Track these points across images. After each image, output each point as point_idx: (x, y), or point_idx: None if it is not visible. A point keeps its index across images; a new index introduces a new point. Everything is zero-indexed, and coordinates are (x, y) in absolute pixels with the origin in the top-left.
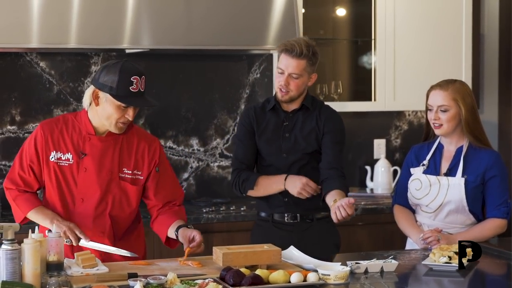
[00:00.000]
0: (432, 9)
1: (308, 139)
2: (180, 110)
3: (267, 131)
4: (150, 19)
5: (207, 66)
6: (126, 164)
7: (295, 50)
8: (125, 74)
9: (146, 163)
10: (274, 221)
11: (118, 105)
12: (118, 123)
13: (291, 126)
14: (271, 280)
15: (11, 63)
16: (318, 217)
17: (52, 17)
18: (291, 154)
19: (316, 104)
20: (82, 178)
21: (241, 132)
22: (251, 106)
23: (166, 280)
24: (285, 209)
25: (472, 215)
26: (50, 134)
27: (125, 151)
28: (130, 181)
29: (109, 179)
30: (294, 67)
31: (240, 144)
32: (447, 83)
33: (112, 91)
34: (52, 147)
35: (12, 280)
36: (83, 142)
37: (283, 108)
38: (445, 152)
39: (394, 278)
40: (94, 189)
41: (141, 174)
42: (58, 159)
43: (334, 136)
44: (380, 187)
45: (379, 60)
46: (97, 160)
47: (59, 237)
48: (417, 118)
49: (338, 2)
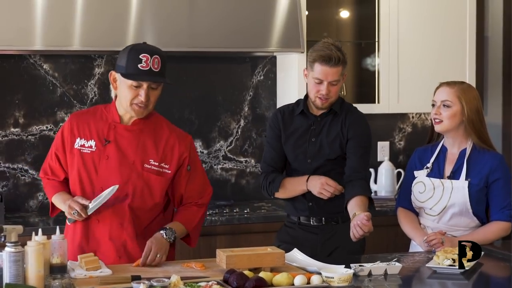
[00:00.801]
0: (436, 11)
1: (332, 145)
2: (184, 112)
3: (295, 135)
4: (153, 22)
5: (211, 68)
6: (153, 155)
7: (332, 59)
8: (134, 52)
9: (175, 158)
10: (301, 224)
11: (129, 84)
12: (133, 105)
13: (318, 131)
14: (274, 283)
15: (14, 65)
16: (344, 219)
17: (56, 20)
18: (315, 160)
19: (344, 107)
20: (104, 166)
21: (269, 134)
22: (280, 108)
23: (170, 282)
24: (310, 213)
25: (476, 218)
26: (76, 122)
27: (151, 142)
28: (155, 173)
29: (131, 168)
30: (333, 75)
31: (268, 147)
32: (456, 82)
33: (122, 70)
34: (77, 134)
35: (16, 282)
36: (108, 130)
37: (312, 112)
38: (449, 155)
39: (398, 281)
40: (114, 178)
41: (169, 168)
42: (82, 146)
43: (358, 141)
44: (384, 189)
45: (383, 62)
46: (121, 149)
47: (63, 240)
48: (421, 120)
49: (341, 4)
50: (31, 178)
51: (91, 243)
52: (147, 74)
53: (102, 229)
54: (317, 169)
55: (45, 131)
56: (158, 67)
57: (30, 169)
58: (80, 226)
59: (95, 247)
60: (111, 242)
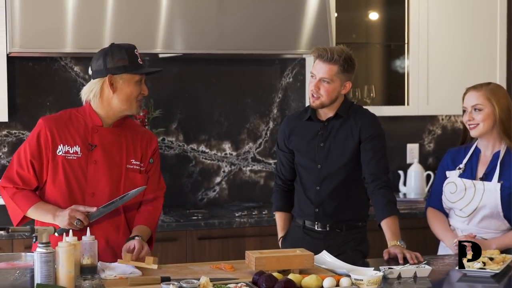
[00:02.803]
0: (465, 12)
1: (343, 148)
2: (213, 115)
3: (303, 141)
4: (183, 24)
5: (240, 70)
6: (134, 155)
7: (326, 54)
8: (130, 50)
9: (148, 154)
10: (306, 228)
11: (136, 80)
12: (137, 102)
13: (325, 136)
14: (303, 285)
15: (46, 67)
16: (348, 227)
17: (86, 22)
18: (325, 165)
19: (352, 111)
20: (92, 171)
21: (279, 142)
22: (289, 115)
23: (199, 284)
24: (315, 218)
25: (507, 221)
26: (55, 128)
27: (131, 143)
28: (138, 172)
29: (118, 171)
30: (325, 71)
31: (278, 154)
32: (482, 84)
33: (127, 69)
34: (59, 141)
35: (47, 283)
36: (91, 134)
37: (319, 117)
38: (482, 157)
39: (428, 284)
40: (104, 182)
41: (143, 165)
42: (66, 153)
43: (374, 144)
44: (413, 192)
45: (412, 64)
46: (107, 152)
47: (93, 241)
48: (451, 122)
49: (371, 6)
50: None
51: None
52: (146, 67)
53: (98, 234)
54: (328, 177)
55: None
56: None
57: None
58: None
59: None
60: (109, 248)
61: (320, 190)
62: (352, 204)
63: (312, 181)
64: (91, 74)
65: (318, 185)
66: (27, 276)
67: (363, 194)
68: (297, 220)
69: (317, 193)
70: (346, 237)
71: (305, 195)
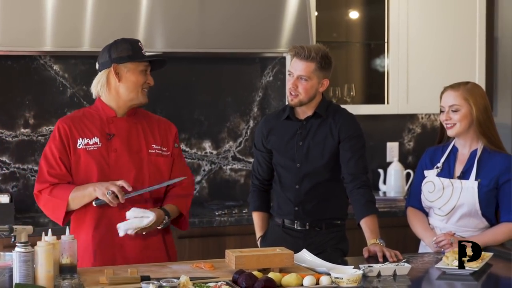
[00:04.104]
0: (445, 12)
1: (322, 147)
2: (193, 113)
3: (282, 141)
4: (163, 23)
5: (220, 69)
6: (153, 140)
7: (303, 52)
8: (133, 41)
9: (170, 140)
10: (285, 227)
11: (140, 70)
12: (142, 91)
13: (304, 135)
14: (283, 283)
15: (25, 66)
16: (328, 226)
17: (66, 21)
18: (305, 164)
19: (330, 110)
20: (114, 159)
21: (256, 142)
22: (267, 115)
23: (179, 282)
24: (295, 217)
25: (485, 219)
26: (72, 124)
27: (148, 130)
28: (160, 156)
29: (140, 156)
30: (302, 69)
31: (255, 154)
32: (459, 84)
33: (132, 58)
34: (78, 135)
35: (26, 282)
36: (107, 125)
37: (297, 116)
38: (459, 155)
39: (407, 282)
40: (128, 169)
41: (167, 150)
42: (86, 145)
43: (351, 143)
44: (393, 190)
45: (392, 63)
46: (125, 140)
47: (72, 240)
48: (430, 121)
49: (351, 5)
50: None
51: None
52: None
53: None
54: (307, 176)
55: None
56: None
57: None
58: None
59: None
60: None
61: (299, 189)
62: (331, 203)
63: (291, 180)
64: (98, 68)
65: (298, 184)
66: (6, 275)
67: (342, 193)
68: (276, 219)
69: (297, 192)
70: (326, 236)
71: (284, 194)
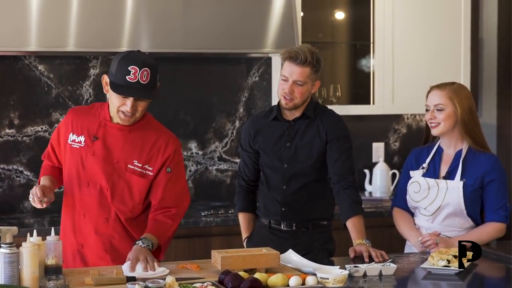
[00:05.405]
0: (430, 13)
1: (309, 148)
2: (179, 114)
3: (269, 141)
4: (148, 23)
5: (206, 69)
6: (138, 156)
7: (299, 57)
8: (124, 62)
9: (159, 159)
10: (271, 227)
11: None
12: (120, 112)
13: (292, 135)
14: (269, 284)
15: (9, 66)
16: (314, 226)
17: (51, 21)
18: (292, 165)
19: (318, 111)
20: (90, 161)
21: (242, 143)
22: (254, 116)
23: (165, 283)
24: (281, 217)
25: (470, 219)
26: (74, 118)
27: (139, 143)
28: (138, 174)
29: (115, 167)
30: (299, 74)
31: (242, 155)
32: (446, 84)
33: (112, 78)
34: (71, 130)
35: (11, 283)
36: (98, 127)
37: (285, 117)
38: (445, 156)
39: (393, 282)
40: (99, 175)
41: (152, 170)
42: (73, 141)
43: (339, 145)
44: (379, 190)
45: (377, 63)
46: (107, 147)
47: (58, 241)
48: (416, 121)
49: (336, 6)
50: (26, 179)
51: (77, 236)
52: (134, 87)
53: (88, 223)
54: (294, 176)
55: (40, 132)
56: (147, 79)
57: (25, 170)
58: (68, 220)
59: (82, 241)
60: (97, 237)
61: (286, 189)
62: (318, 203)
63: (278, 180)
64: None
65: (285, 184)
66: None
67: (329, 193)
68: (262, 219)
69: (284, 193)
70: (313, 236)
71: (271, 194)
